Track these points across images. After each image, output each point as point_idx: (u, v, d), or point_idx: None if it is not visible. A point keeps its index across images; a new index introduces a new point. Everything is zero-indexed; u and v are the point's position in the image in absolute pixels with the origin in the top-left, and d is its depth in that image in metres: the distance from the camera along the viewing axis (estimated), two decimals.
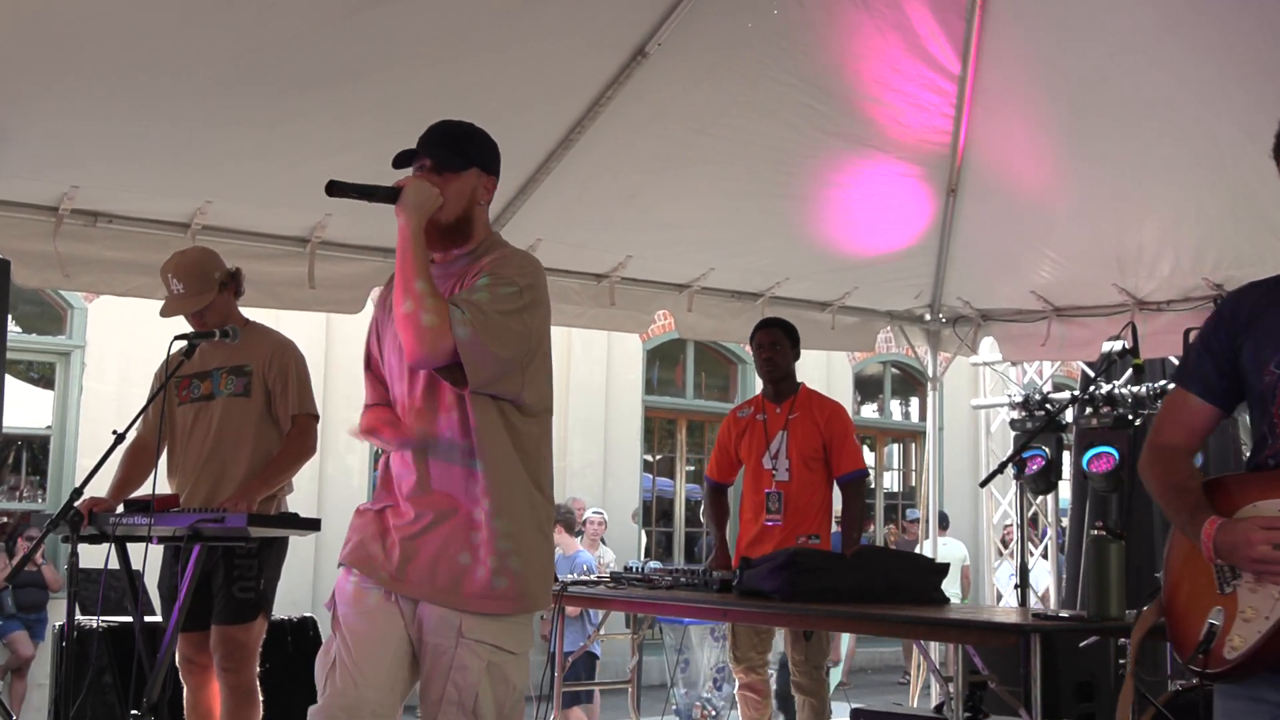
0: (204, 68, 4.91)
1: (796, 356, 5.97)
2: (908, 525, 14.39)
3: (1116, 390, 7.77)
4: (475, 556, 3.00)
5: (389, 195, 3.03)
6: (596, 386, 13.52)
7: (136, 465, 4.79)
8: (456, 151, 3.17)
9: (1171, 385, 3.38)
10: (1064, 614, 4.78)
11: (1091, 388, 7.82)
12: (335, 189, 3.01)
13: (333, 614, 3.13)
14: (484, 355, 2.93)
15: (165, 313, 4.77)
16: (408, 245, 2.97)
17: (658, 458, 14.69)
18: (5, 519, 11.24)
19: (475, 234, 3.18)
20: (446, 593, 3.00)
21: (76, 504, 4.17)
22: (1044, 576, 9.61)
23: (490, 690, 2.99)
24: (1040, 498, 8.97)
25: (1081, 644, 5.81)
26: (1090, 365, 8.34)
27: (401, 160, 3.14)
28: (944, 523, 10.47)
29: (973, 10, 5.74)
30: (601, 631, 7.60)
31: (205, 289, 4.73)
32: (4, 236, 5.45)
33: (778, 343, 5.90)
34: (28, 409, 10.72)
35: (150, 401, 4.60)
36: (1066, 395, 9.17)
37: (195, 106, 5.08)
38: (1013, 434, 8.47)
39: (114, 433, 4.21)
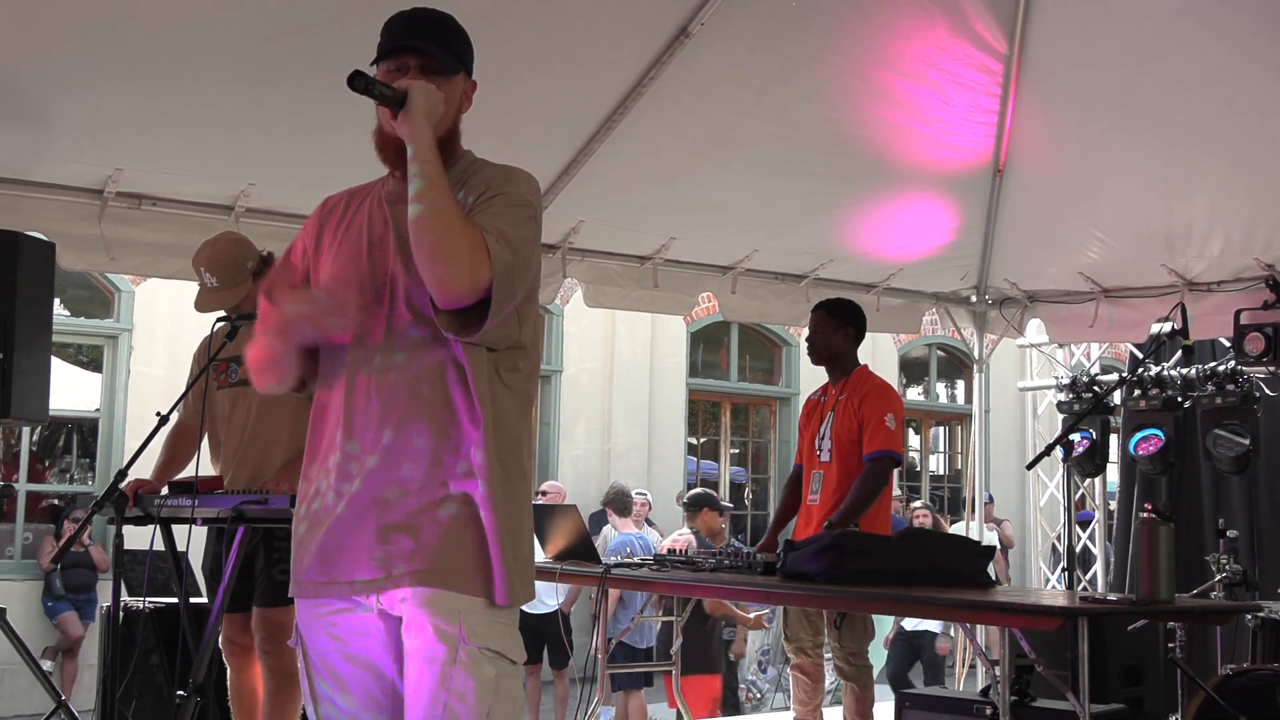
0: (245, 50, 4.92)
1: (847, 336, 5.80)
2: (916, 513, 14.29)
3: (1165, 372, 7.68)
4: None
5: (397, 100, 2.51)
6: (640, 369, 13.51)
7: (179, 448, 4.82)
8: (450, 49, 2.65)
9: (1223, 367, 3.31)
10: (1112, 597, 4.72)
11: (1140, 369, 7.74)
12: (358, 82, 2.46)
13: None
14: (509, 293, 2.46)
15: (200, 307, 4.74)
16: (427, 160, 2.46)
17: (702, 440, 14.67)
18: (55, 501, 11.37)
19: (459, 150, 2.68)
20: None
21: (121, 486, 4.20)
22: (1091, 559, 9.53)
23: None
24: (1088, 480, 8.89)
25: (1130, 627, 5.75)
26: (1139, 347, 8.24)
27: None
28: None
29: None
30: (644, 613, 7.59)
31: (239, 280, 4.71)
32: (49, 220, 5.49)
33: (817, 325, 5.83)
34: (76, 392, 10.84)
35: (191, 385, 4.62)
36: (1114, 377, 9.09)
37: (237, 88, 5.09)
38: (1060, 416, 8.38)
39: (157, 414, 4.23)
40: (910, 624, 9.94)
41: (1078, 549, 8.80)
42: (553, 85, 5.65)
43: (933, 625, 9.82)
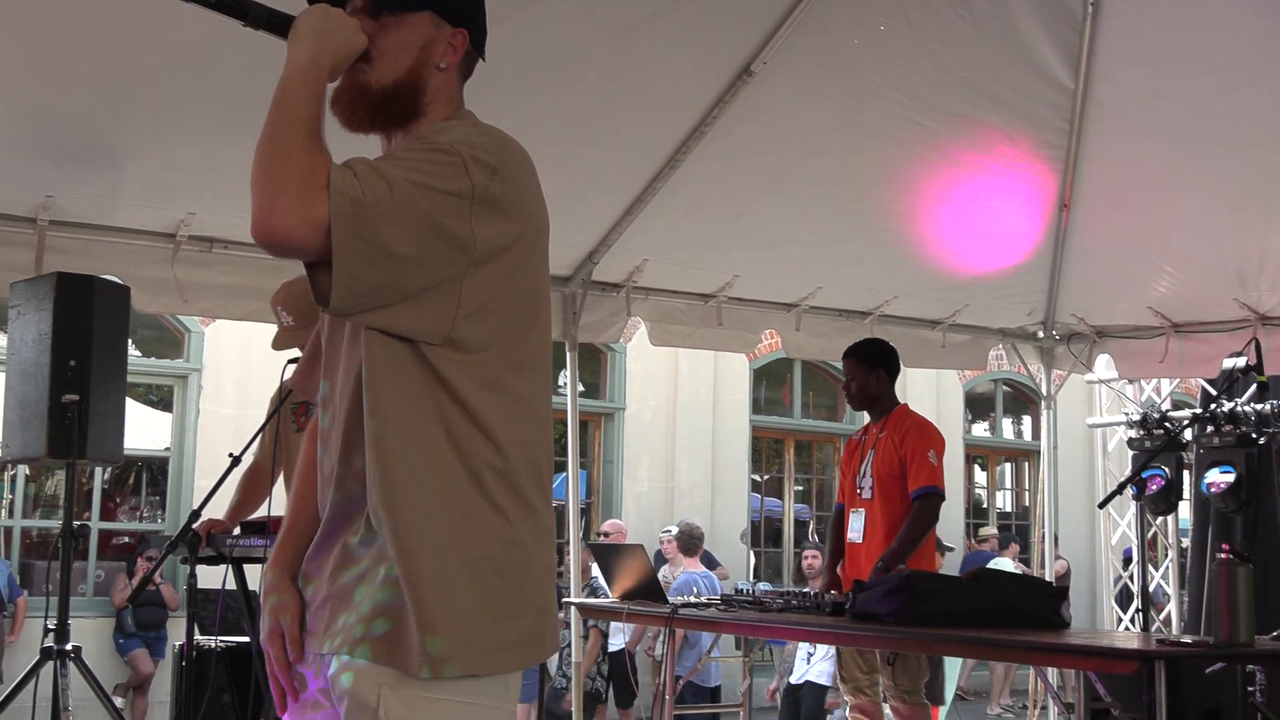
0: None
1: (880, 378, 5.82)
2: (982, 540, 14.21)
3: (1239, 408, 7.57)
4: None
5: (274, 21, 2.08)
6: (704, 406, 13.49)
7: (253, 488, 4.87)
8: None
9: None
10: (1188, 639, 4.63)
11: (1213, 405, 7.63)
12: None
13: None
14: (359, 240, 1.86)
15: (277, 345, 4.81)
16: (293, 79, 2.00)
17: (765, 478, 14.60)
18: (126, 539, 11.51)
19: (427, 110, 2.15)
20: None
21: (194, 526, 4.25)
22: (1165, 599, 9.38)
23: None
24: (1160, 518, 8.76)
25: (1208, 670, 5.64)
26: (1211, 382, 8.13)
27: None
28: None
29: (1085, 23, 5.63)
30: (712, 654, 7.55)
31: (315, 320, 4.76)
32: (124, 263, 5.59)
33: (851, 374, 5.87)
34: (147, 431, 10.98)
35: (264, 426, 4.67)
36: (1187, 413, 8.95)
37: None
38: (1131, 453, 8.27)
39: (230, 455, 4.28)
40: (796, 676, 8.90)
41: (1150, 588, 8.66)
42: (617, 125, 5.68)
43: (819, 678, 8.69)
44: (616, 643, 9.22)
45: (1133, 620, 8.84)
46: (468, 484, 1.97)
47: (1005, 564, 12.42)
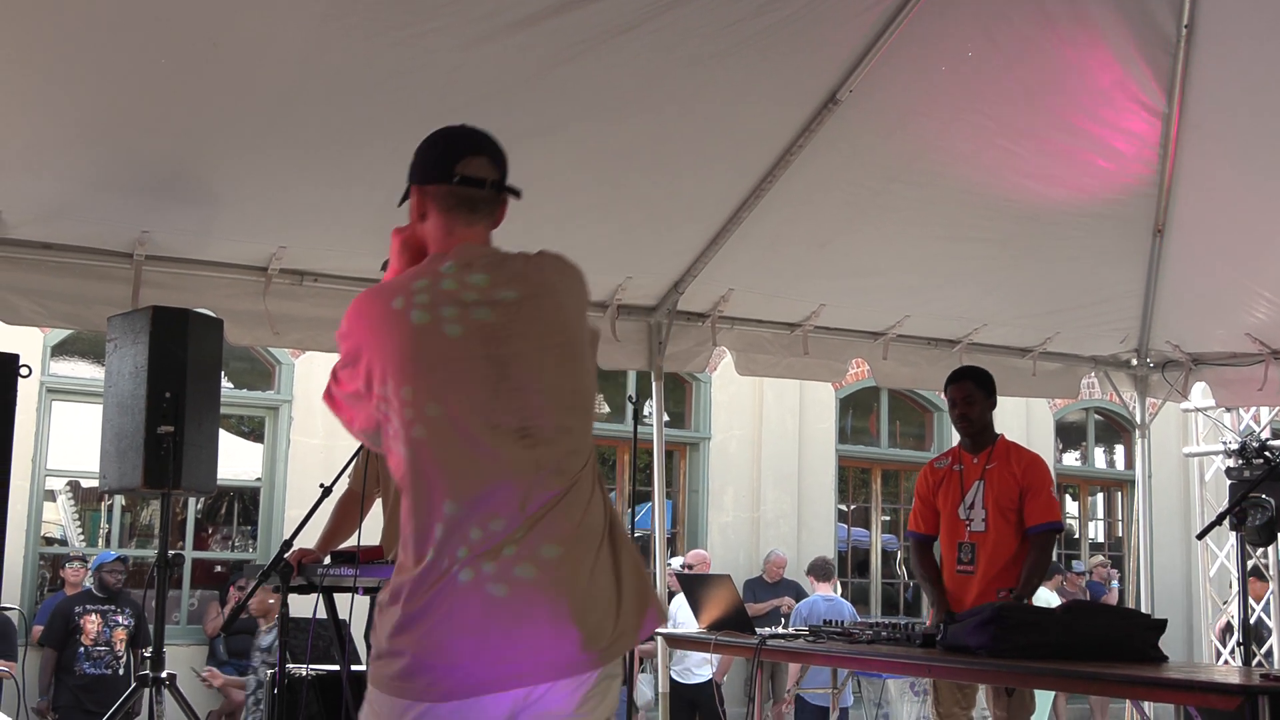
0: (398, 132, 5.01)
1: (993, 406, 5.75)
2: (1071, 577, 13.89)
3: None
4: None
5: None
6: (789, 436, 13.41)
7: (344, 518, 4.91)
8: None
9: None
10: None
11: None
12: None
13: None
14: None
15: None
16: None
17: (852, 507, 14.48)
18: (219, 568, 11.67)
19: (425, 253, 2.74)
20: None
21: (286, 555, 4.29)
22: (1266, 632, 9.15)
23: None
24: (1260, 550, 8.55)
25: None
26: None
27: None
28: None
29: (1178, 45, 5.54)
30: (800, 685, 7.48)
31: None
32: (217, 296, 5.69)
33: (970, 396, 5.72)
34: (239, 461, 11.14)
35: (354, 456, 4.71)
36: None
37: (390, 169, 5.19)
38: (1229, 483, 8.09)
39: (320, 486, 4.32)
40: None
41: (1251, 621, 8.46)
42: (703, 156, 5.68)
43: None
44: (704, 673, 9.17)
45: (1232, 654, 8.63)
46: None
47: (1051, 598, 12.21)
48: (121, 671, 8.42)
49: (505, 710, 2.36)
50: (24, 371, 3.84)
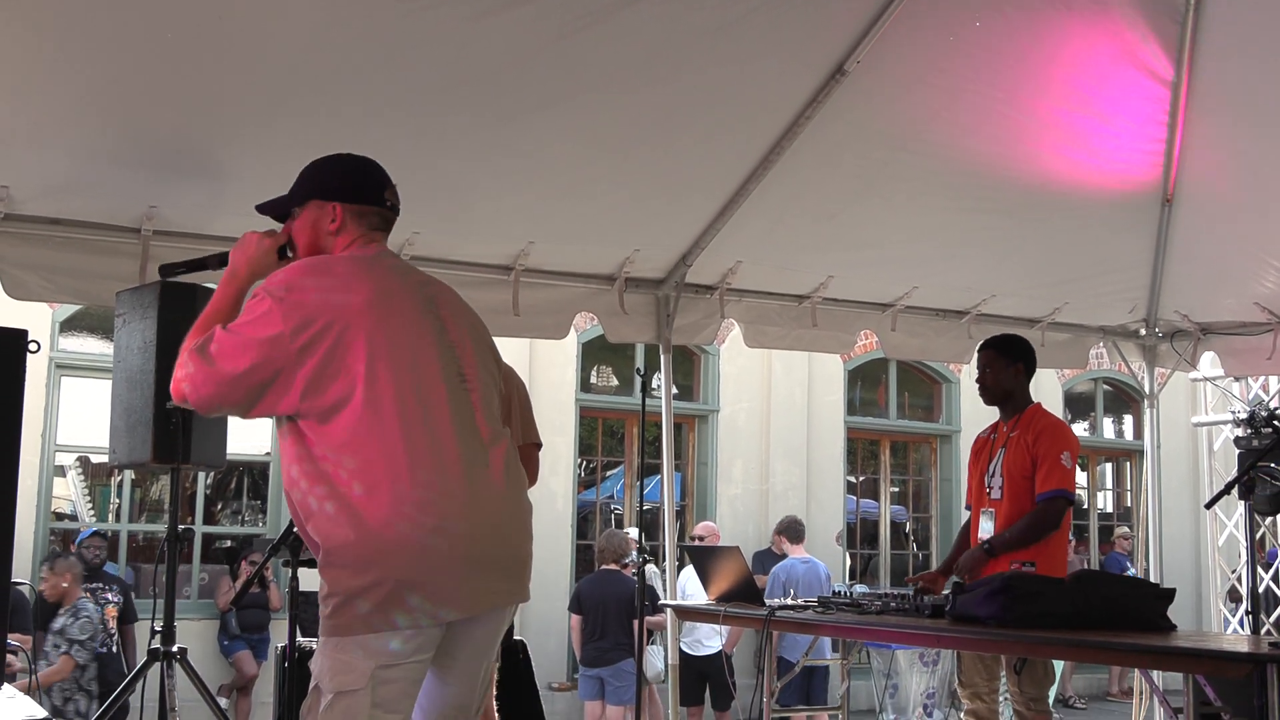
0: (410, 104, 5.04)
1: (1018, 373, 5.67)
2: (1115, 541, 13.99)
3: None
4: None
5: (222, 260, 3.41)
6: (798, 408, 13.42)
7: None
8: (291, 194, 3.34)
9: None
10: None
11: None
12: (164, 271, 3.66)
13: None
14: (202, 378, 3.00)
15: None
16: (220, 285, 3.28)
17: (861, 479, 14.49)
18: (229, 542, 11.72)
19: (335, 250, 3.29)
20: None
21: (295, 529, 4.29)
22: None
23: None
24: (1268, 518, 8.55)
25: None
26: None
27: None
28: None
29: (1187, 13, 5.51)
30: (809, 655, 7.50)
31: None
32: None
33: (989, 364, 5.70)
34: (247, 436, 11.17)
35: None
36: None
37: (403, 142, 5.21)
38: (1237, 452, 8.09)
39: None
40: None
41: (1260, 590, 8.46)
42: (709, 128, 5.66)
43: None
44: (713, 645, 9.20)
45: (1240, 622, 8.64)
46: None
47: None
48: (114, 649, 8.43)
49: None
50: (33, 347, 3.85)
